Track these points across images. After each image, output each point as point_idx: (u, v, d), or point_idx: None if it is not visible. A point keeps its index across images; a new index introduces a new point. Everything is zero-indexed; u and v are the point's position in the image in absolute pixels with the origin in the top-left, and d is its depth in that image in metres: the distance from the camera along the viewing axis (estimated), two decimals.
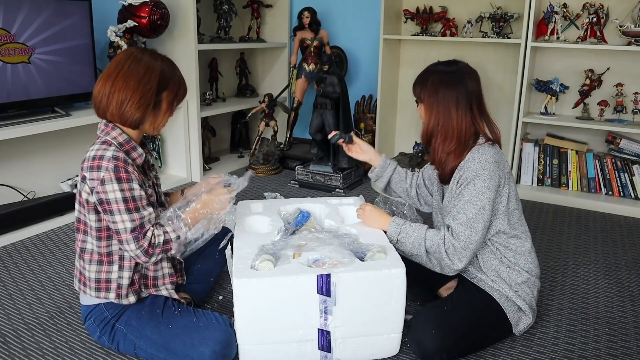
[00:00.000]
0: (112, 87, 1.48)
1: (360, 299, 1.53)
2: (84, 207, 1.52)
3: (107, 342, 1.63)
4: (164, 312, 1.61)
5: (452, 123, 1.62)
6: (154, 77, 1.49)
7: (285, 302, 1.50)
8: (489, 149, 1.63)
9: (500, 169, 1.62)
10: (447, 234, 1.60)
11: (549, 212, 2.99)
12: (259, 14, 3.92)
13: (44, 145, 2.86)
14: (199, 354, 1.51)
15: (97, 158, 1.45)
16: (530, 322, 1.73)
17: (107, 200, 1.44)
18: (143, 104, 1.49)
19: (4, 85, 2.49)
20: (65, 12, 2.69)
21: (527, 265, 1.70)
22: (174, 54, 3.26)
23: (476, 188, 1.58)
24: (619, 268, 2.31)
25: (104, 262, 1.55)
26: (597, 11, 2.98)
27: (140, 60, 1.50)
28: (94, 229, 1.52)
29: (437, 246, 1.60)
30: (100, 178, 1.43)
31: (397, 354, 1.65)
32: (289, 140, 3.95)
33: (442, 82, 1.62)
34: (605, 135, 3.15)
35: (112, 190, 1.43)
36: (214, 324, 1.57)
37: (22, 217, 2.54)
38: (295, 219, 1.87)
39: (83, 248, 1.57)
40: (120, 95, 1.47)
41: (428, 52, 3.59)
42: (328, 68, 3.41)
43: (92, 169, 1.45)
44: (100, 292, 1.57)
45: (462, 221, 1.58)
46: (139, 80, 1.47)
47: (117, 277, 1.56)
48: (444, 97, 1.62)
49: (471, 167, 1.60)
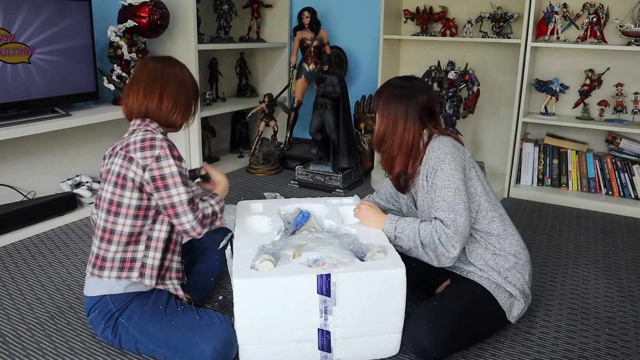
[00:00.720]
0: (159, 95, 1.63)
1: (360, 299, 1.53)
2: (123, 187, 1.55)
3: (111, 335, 1.62)
4: (167, 309, 1.62)
5: (398, 131, 1.74)
6: (188, 87, 1.69)
7: (285, 302, 1.50)
8: (443, 137, 1.73)
9: (461, 152, 1.71)
10: (437, 222, 1.64)
11: (549, 212, 2.99)
12: (259, 14, 3.92)
13: (44, 145, 2.86)
14: (200, 351, 1.51)
15: (147, 140, 1.55)
16: (523, 307, 1.73)
17: (162, 176, 1.53)
18: (187, 110, 1.70)
19: (4, 85, 2.49)
20: (65, 12, 2.69)
21: (512, 249, 1.72)
22: (174, 54, 3.25)
23: (444, 172, 1.65)
24: (619, 268, 2.31)
25: (131, 242, 1.59)
26: (597, 11, 2.98)
27: (174, 67, 1.68)
28: (132, 208, 1.56)
29: (430, 236, 1.63)
30: (155, 155, 1.53)
31: (397, 354, 1.65)
32: (289, 140, 3.96)
33: (395, 95, 1.75)
34: (605, 135, 3.15)
35: (168, 166, 1.53)
36: (217, 322, 1.57)
37: (22, 217, 2.54)
38: (295, 219, 1.88)
39: (112, 230, 1.58)
40: (169, 103, 1.64)
41: (428, 52, 3.59)
42: (328, 68, 3.41)
43: (144, 149, 1.54)
44: (122, 272, 1.59)
45: (443, 207, 1.63)
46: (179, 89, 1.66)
47: (143, 256, 1.60)
48: (394, 109, 1.75)
49: (433, 156, 1.68)
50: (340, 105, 3.22)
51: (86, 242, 2.49)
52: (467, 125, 3.48)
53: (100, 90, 2.97)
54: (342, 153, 3.28)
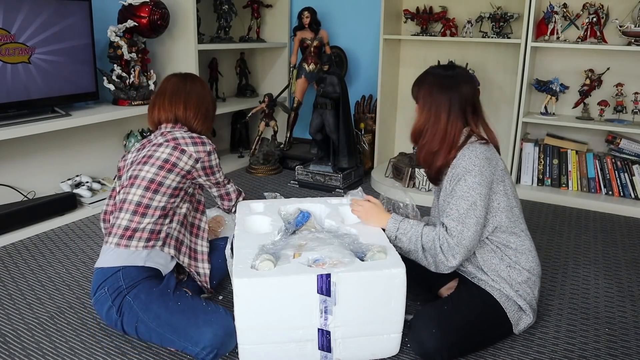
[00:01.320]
0: (184, 104, 1.94)
1: (361, 299, 1.53)
2: (170, 171, 1.78)
3: (115, 314, 1.63)
4: (175, 292, 1.66)
5: (440, 125, 1.68)
6: (209, 99, 2.03)
7: (285, 302, 1.50)
8: (479, 146, 1.65)
9: (492, 166, 1.65)
10: (442, 229, 1.62)
11: (549, 212, 2.99)
12: (259, 14, 3.92)
13: (44, 145, 2.86)
14: (200, 333, 1.53)
15: (196, 137, 1.87)
16: (530, 322, 1.73)
17: (210, 166, 1.89)
18: (207, 120, 2.01)
19: (4, 85, 2.49)
20: (65, 12, 2.69)
21: (527, 264, 1.70)
22: (174, 54, 3.27)
23: (467, 184, 1.60)
24: (619, 268, 2.31)
25: (163, 215, 1.76)
26: (597, 11, 2.98)
27: (196, 84, 2.01)
28: (170, 188, 1.78)
29: (432, 242, 1.62)
30: (207, 151, 1.87)
31: (397, 354, 1.65)
32: (289, 140, 3.96)
33: (437, 85, 1.69)
34: (605, 135, 3.15)
35: (215, 159, 1.91)
36: (222, 312, 1.60)
37: (22, 217, 2.54)
38: (296, 219, 1.88)
39: (149, 204, 1.75)
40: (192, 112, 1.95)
41: (428, 52, 3.59)
42: (328, 68, 3.41)
43: (196, 145, 1.84)
44: (150, 242, 1.72)
45: (454, 217, 1.61)
46: (203, 104, 1.99)
47: (167, 227, 1.77)
48: (437, 100, 1.68)
49: (461, 164, 1.63)
50: (340, 105, 3.22)
51: (86, 242, 2.49)
52: None
53: (100, 90, 2.97)
54: (342, 153, 3.28)
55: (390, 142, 3.84)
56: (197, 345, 1.53)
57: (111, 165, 3.15)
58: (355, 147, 3.43)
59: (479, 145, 1.66)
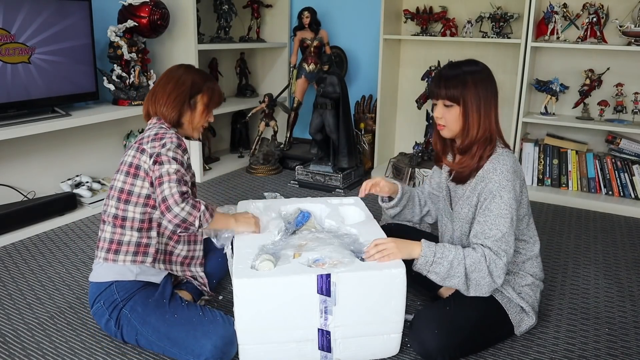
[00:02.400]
0: (153, 94, 1.78)
1: (361, 299, 1.53)
2: (135, 177, 1.66)
3: (114, 326, 1.63)
4: (171, 303, 1.64)
5: (492, 126, 1.60)
6: (186, 83, 1.77)
7: (285, 302, 1.50)
8: (507, 157, 1.59)
9: (519, 178, 1.61)
10: (487, 251, 1.54)
11: (549, 212, 2.99)
12: (259, 14, 3.92)
13: (44, 145, 2.86)
14: (200, 346, 1.52)
15: (159, 134, 1.68)
16: (532, 324, 1.73)
17: (158, 154, 1.63)
18: (178, 103, 1.75)
19: (4, 85, 2.49)
20: (65, 12, 2.69)
21: (532, 269, 1.71)
22: (174, 54, 3.27)
23: (504, 201, 1.54)
24: (619, 268, 2.31)
25: (144, 228, 1.67)
26: (597, 11, 2.98)
27: (175, 72, 1.80)
28: (142, 197, 1.66)
29: (478, 264, 1.53)
30: (163, 143, 1.65)
31: (397, 354, 1.65)
32: (289, 140, 3.96)
33: (482, 82, 1.58)
34: (605, 135, 3.15)
35: (169, 151, 1.64)
36: (219, 320, 1.59)
37: (22, 217, 2.54)
38: (296, 219, 1.88)
39: (124, 216, 1.66)
40: (162, 98, 1.75)
41: (428, 52, 3.59)
42: (328, 68, 3.41)
43: (155, 140, 1.66)
44: (137, 256, 1.66)
45: (497, 237, 1.54)
46: (173, 86, 1.76)
47: (156, 242, 1.68)
48: (485, 98, 1.58)
49: (494, 179, 1.56)
50: (340, 105, 3.22)
51: (86, 242, 2.49)
52: None
53: (100, 90, 2.97)
54: (342, 153, 3.28)
55: (390, 142, 3.84)
56: (199, 358, 1.53)
57: (111, 165, 3.15)
58: (355, 147, 3.43)
59: (507, 155, 1.60)
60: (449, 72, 1.61)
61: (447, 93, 1.59)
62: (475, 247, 1.56)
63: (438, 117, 1.64)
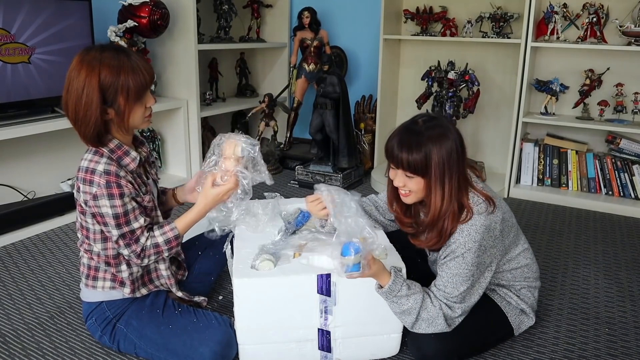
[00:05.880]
0: (65, 107, 1.50)
1: (361, 299, 1.53)
2: (83, 213, 1.55)
3: (108, 342, 1.63)
4: (165, 312, 1.62)
5: (462, 196, 1.47)
6: (90, 96, 1.44)
7: (285, 302, 1.50)
8: (478, 220, 1.47)
9: (491, 233, 1.50)
10: (444, 306, 1.50)
11: (549, 212, 2.99)
12: (259, 14, 3.92)
13: (44, 145, 2.86)
14: (198, 355, 1.51)
15: (89, 171, 1.48)
16: (531, 324, 1.73)
17: (100, 214, 1.48)
18: (88, 123, 1.49)
19: (4, 85, 2.49)
20: (65, 12, 2.69)
21: (524, 275, 1.70)
22: (174, 54, 3.27)
23: (466, 262, 1.48)
24: (619, 268, 2.31)
25: (112, 264, 1.58)
26: (597, 11, 2.98)
27: (75, 82, 1.44)
28: (97, 233, 1.55)
29: (436, 318, 1.49)
30: (93, 193, 1.46)
31: (397, 354, 1.65)
32: (289, 140, 3.95)
33: (446, 146, 1.43)
34: (605, 135, 3.15)
35: (104, 206, 1.46)
36: (214, 324, 1.57)
37: (22, 217, 2.54)
38: (296, 219, 1.87)
39: (90, 250, 1.60)
40: (71, 119, 1.52)
41: (428, 52, 3.59)
42: (328, 68, 3.41)
43: (85, 182, 1.48)
44: (115, 283, 1.60)
45: (454, 295, 1.49)
46: (74, 105, 1.47)
47: (129, 274, 1.59)
48: (449, 165, 1.43)
49: (459, 240, 1.48)
50: (340, 105, 3.22)
51: None
52: (467, 125, 3.48)
53: None
54: (342, 153, 3.28)
55: None
56: None
57: None
58: (355, 147, 3.43)
59: (477, 217, 1.48)
60: (410, 137, 1.44)
61: (408, 164, 1.44)
62: (433, 301, 1.51)
63: (400, 185, 1.51)
